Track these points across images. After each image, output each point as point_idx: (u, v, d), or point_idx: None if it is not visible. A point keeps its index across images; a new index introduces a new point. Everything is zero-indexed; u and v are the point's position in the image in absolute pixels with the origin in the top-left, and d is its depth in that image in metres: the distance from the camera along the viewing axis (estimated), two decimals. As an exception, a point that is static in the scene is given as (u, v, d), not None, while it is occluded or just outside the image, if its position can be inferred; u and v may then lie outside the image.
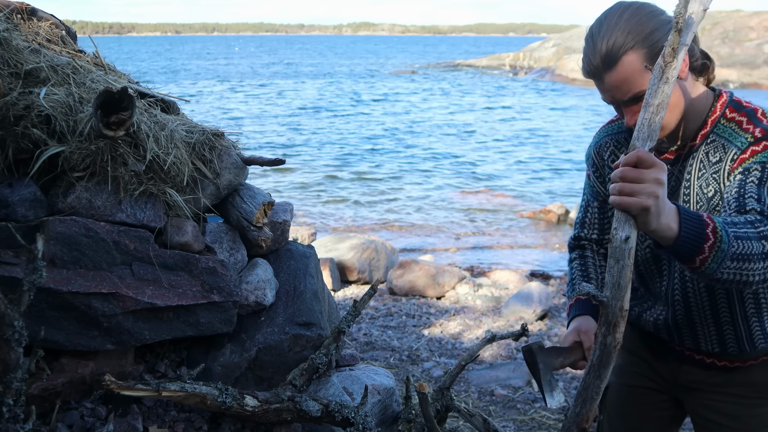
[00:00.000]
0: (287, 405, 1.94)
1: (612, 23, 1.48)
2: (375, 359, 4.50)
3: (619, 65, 1.47)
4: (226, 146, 2.11)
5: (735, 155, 1.54)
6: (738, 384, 1.73)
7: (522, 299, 5.69)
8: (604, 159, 1.82)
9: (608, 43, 1.46)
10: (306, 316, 2.13)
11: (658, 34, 1.47)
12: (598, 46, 1.48)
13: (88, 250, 1.81)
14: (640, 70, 1.47)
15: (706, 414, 1.79)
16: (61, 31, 2.28)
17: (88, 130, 1.78)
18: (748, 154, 1.51)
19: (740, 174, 1.50)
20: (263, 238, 2.11)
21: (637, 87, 1.48)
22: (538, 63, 41.79)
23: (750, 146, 1.51)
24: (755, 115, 1.56)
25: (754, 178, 1.47)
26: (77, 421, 1.81)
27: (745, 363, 1.72)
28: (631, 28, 1.46)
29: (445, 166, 14.39)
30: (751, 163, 1.49)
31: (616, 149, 1.79)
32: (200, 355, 2.06)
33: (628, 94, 1.50)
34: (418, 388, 1.90)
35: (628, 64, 1.47)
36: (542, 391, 1.69)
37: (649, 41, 1.47)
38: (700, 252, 1.27)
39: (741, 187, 1.47)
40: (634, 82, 1.48)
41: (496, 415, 3.74)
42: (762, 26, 34.03)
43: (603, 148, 1.82)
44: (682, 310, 1.73)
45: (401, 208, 10.78)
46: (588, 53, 1.51)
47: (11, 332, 1.42)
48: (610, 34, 1.47)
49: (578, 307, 1.82)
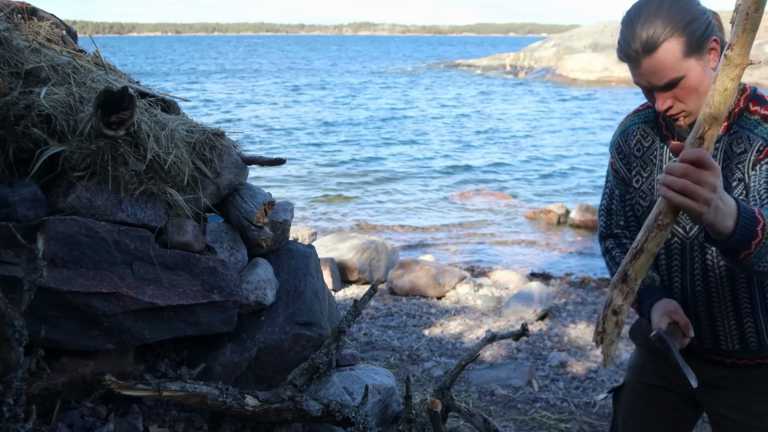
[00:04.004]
0: (288, 405, 1.94)
1: (653, 10, 1.51)
2: (375, 359, 4.50)
3: (658, 52, 1.50)
4: (227, 146, 2.11)
5: (761, 146, 1.56)
6: (760, 381, 1.73)
7: (522, 299, 5.69)
8: (630, 146, 1.83)
9: (649, 30, 1.49)
10: (306, 315, 2.13)
11: (696, 24, 1.51)
12: (638, 32, 1.51)
13: (89, 249, 1.81)
14: (678, 58, 1.51)
15: (726, 412, 1.79)
16: (61, 31, 2.28)
17: (89, 129, 1.78)
18: None
19: (767, 165, 1.53)
20: (264, 237, 2.11)
21: (673, 74, 1.52)
22: (538, 63, 41.79)
23: None
24: None
25: None
26: (77, 420, 1.81)
27: (765, 360, 1.72)
28: (673, 16, 1.50)
29: (446, 166, 14.39)
30: None
31: (642, 138, 1.81)
32: (201, 354, 2.06)
33: (664, 80, 1.53)
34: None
35: (667, 51, 1.50)
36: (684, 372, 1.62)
37: (688, 30, 1.50)
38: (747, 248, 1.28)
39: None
40: (671, 68, 1.51)
41: (496, 414, 3.74)
42: (763, 26, 34.03)
43: (630, 135, 1.84)
44: (703, 302, 1.74)
45: (401, 208, 10.78)
46: (627, 37, 1.53)
47: (12, 332, 1.42)
48: (652, 21, 1.50)
49: (651, 293, 1.79)
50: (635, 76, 1.58)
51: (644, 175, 1.80)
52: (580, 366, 4.46)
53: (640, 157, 1.80)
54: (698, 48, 1.52)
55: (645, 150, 1.79)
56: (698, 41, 1.51)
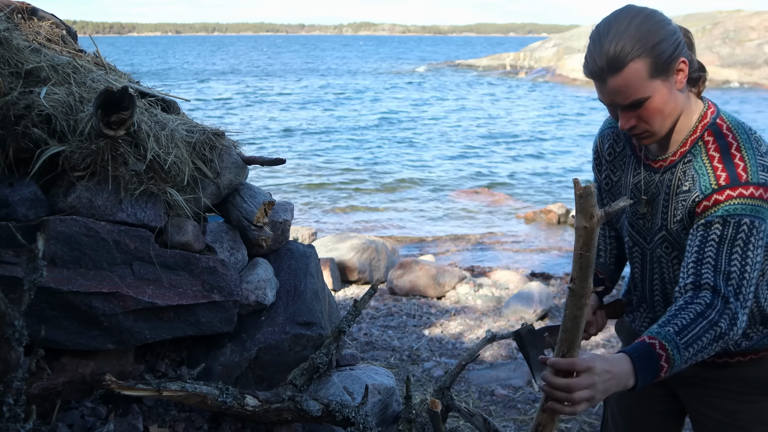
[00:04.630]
0: (288, 405, 1.94)
1: (622, 28, 1.49)
2: (375, 359, 4.49)
3: (624, 71, 1.48)
4: (227, 146, 2.11)
5: (698, 198, 1.56)
6: (732, 380, 1.74)
7: (522, 299, 5.69)
8: (603, 149, 1.84)
9: (616, 48, 1.47)
10: (306, 315, 2.13)
11: (665, 44, 1.49)
12: (605, 48, 1.48)
13: (89, 249, 1.81)
14: (644, 79, 1.48)
15: (702, 409, 1.80)
16: (61, 31, 2.28)
17: (89, 129, 1.78)
18: (711, 202, 1.53)
19: (702, 227, 1.52)
20: (264, 237, 2.11)
21: (638, 94, 1.50)
22: (538, 63, 41.78)
23: (713, 193, 1.53)
24: (729, 151, 1.55)
25: (714, 236, 1.50)
26: (78, 420, 1.81)
27: (732, 359, 1.72)
28: (641, 36, 1.47)
29: (446, 166, 14.39)
30: (713, 216, 1.51)
31: (615, 143, 1.81)
32: (201, 354, 2.06)
33: (628, 100, 1.51)
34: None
35: (634, 71, 1.47)
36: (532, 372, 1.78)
37: (656, 51, 1.48)
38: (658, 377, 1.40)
39: (701, 248, 1.50)
40: (636, 88, 1.49)
41: (496, 414, 3.74)
42: (763, 26, 34.02)
43: (605, 138, 1.84)
44: (663, 311, 1.76)
45: (401, 208, 10.78)
46: (594, 53, 1.51)
47: (12, 331, 1.42)
48: (619, 39, 1.47)
49: None
50: (600, 93, 1.55)
51: (613, 179, 1.81)
52: (580, 366, 4.46)
53: (611, 161, 1.81)
54: (665, 69, 1.50)
55: (616, 154, 1.80)
56: (665, 62, 1.49)
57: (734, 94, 26.88)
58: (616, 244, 1.94)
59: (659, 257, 1.71)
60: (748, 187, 1.49)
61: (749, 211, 1.48)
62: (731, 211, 1.49)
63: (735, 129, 1.58)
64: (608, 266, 1.91)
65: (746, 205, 1.49)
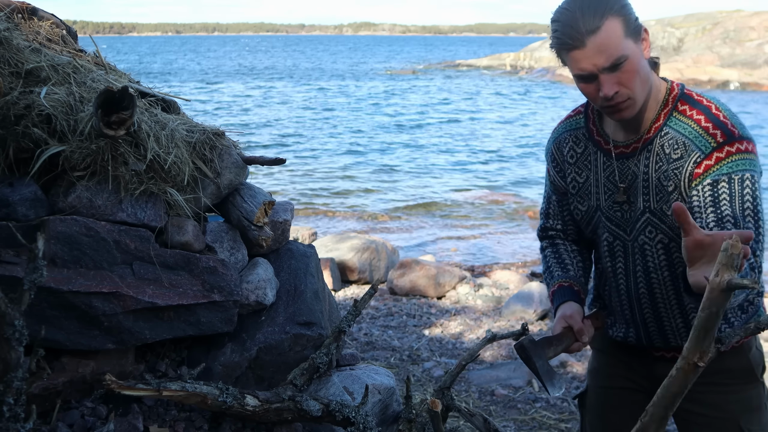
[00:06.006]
0: (288, 404, 1.94)
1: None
2: (375, 359, 4.50)
3: (602, 29, 1.51)
4: (227, 145, 2.11)
5: (698, 158, 1.58)
6: (715, 373, 1.74)
7: (522, 299, 5.69)
8: (563, 154, 1.85)
9: (590, 10, 1.51)
10: (306, 315, 2.13)
11: (629, 8, 1.56)
12: (578, 14, 1.52)
13: (89, 249, 1.81)
14: (621, 37, 1.52)
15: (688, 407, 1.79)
16: (61, 31, 2.28)
17: (89, 129, 1.78)
18: (713, 160, 1.57)
19: (709, 187, 1.56)
20: (264, 237, 2.11)
21: (618, 51, 1.52)
22: (538, 63, 41.78)
23: (714, 151, 1.57)
24: (710, 111, 1.61)
25: (724, 194, 1.54)
26: (78, 420, 1.81)
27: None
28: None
29: (446, 166, 14.38)
30: (717, 174, 1.55)
31: (575, 145, 1.82)
32: (201, 354, 2.06)
33: (611, 59, 1.53)
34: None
35: (611, 27, 1.52)
36: (543, 382, 1.74)
37: (625, 11, 1.54)
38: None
39: (716, 207, 1.54)
40: (616, 47, 1.52)
41: (496, 414, 3.74)
42: (763, 26, 34.01)
43: (562, 143, 1.85)
44: (648, 303, 1.76)
45: (402, 208, 10.78)
46: (568, 22, 1.53)
47: (12, 331, 1.42)
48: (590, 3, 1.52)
49: (561, 294, 1.87)
50: (579, 62, 1.55)
51: (580, 180, 1.82)
52: (580, 366, 4.46)
53: (575, 164, 1.82)
54: (635, 31, 1.55)
55: (579, 155, 1.81)
56: (634, 24, 1.55)
57: (733, 94, 26.90)
58: (580, 257, 1.95)
59: (642, 245, 1.71)
60: (742, 142, 1.56)
61: (748, 166, 1.55)
62: (734, 167, 1.55)
63: (704, 95, 1.65)
64: (579, 278, 1.92)
65: (744, 160, 1.55)
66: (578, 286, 1.89)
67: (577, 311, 1.80)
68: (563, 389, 1.75)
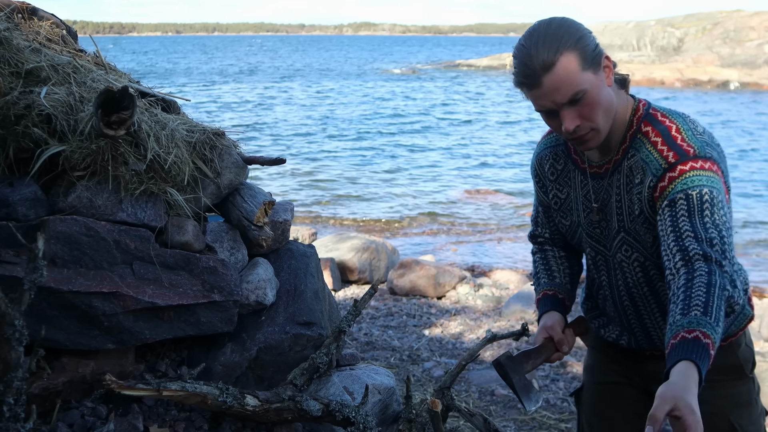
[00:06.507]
0: (288, 404, 1.94)
1: (542, 32, 1.54)
2: (375, 359, 4.49)
3: (557, 66, 1.51)
4: (227, 145, 2.11)
5: (652, 182, 1.58)
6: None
7: (523, 299, 5.69)
8: (545, 171, 1.87)
9: (542, 48, 1.52)
10: (307, 315, 2.13)
11: (586, 40, 1.55)
12: (533, 53, 1.52)
13: (89, 249, 1.81)
14: (577, 71, 1.52)
15: None
16: (61, 31, 2.29)
17: (89, 129, 1.78)
18: (666, 181, 1.55)
19: (668, 208, 1.53)
20: (264, 237, 2.11)
21: (575, 87, 1.52)
22: (538, 63, 41.75)
23: (666, 172, 1.55)
24: (669, 133, 1.59)
25: (682, 211, 1.51)
26: (78, 420, 1.81)
27: None
28: (562, 34, 1.53)
29: (446, 165, 14.38)
30: (673, 192, 1.53)
31: (555, 161, 1.84)
32: (201, 354, 2.06)
33: (568, 95, 1.53)
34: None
35: (566, 64, 1.51)
36: (519, 397, 1.83)
37: (580, 45, 1.53)
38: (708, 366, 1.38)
39: (675, 225, 1.51)
40: (572, 82, 1.52)
41: (496, 414, 3.74)
42: (763, 26, 34.02)
43: (543, 160, 1.87)
44: (632, 311, 1.79)
45: (402, 208, 10.78)
46: (524, 60, 1.54)
47: (12, 331, 1.42)
48: (543, 40, 1.52)
49: (544, 304, 1.91)
50: (538, 99, 1.57)
51: (561, 197, 1.84)
52: (580, 366, 4.46)
53: (555, 180, 1.84)
54: (594, 62, 1.54)
55: (559, 173, 1.83)
56: (592, 55, 1.54)
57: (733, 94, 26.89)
58: (568, 264, 1.97)
59: (620, 262, 1.74)
60: (697, 160, 1.53)
61: (706, 182, 1.51)
62: (689, 183, 1.52)
63: (669, 115, 1.64)
64: (565, 285, 1.94)
65: (701, 176, 1.52)
66: (563, 293, 1.92)
67: (558, 322, 1.84)
68: (540, 403, 1.84)
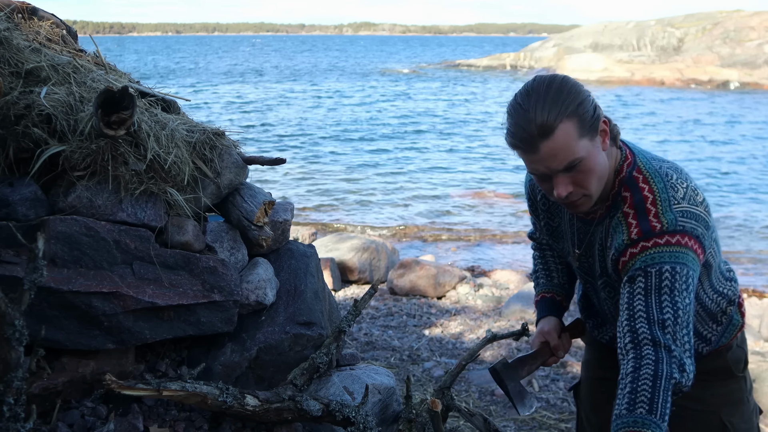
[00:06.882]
0: (288, 404, 1.94)
1: (542, 94, 1.49)
2: (375, 359, 4.49)
3: (556, 133, 1.47)
4: (227, 145, 2.11)
5: (614, 255, 1.58)
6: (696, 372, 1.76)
7: (523, 299, 5.69)
8: (537, 201, 1.86)
9: (542, 113, 1.47)
10: (307, 315, 2.13)
11: (586, 105, 1.51)
12: (531, 115, 1.47)
13: (89, 249, 1.81)
14: (575, 138, 1.49)
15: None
16: (61, 31, 2.29)
17: (89, 129, 1.78)
18: (627, 256, 1.54)
19: (627, 284, 1.52)
20: (264, 237, 2.11)
21: (572, 155, 1.49)
22: (538, 63, 41.78)
23: (628, 248, 1.54)
24: (644, 206, 1.55)
25: (639, 288, 1.49)
26: (78, 420, 1.81)
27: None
28: (563, 98, 1.49)
29: (446, 165, 14.39)
30: (633, 270, 1.51)
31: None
32: (201, 354, 2.06)
33: (564, 162, 1.50)
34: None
35: (564, 132, 1.48)
36: (513, 403, 1.90)
37: (579, 111, 1.49)
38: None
39: (630, 303, 1.49)
40: (569, 149, 1.49)
41: (496, 414, 3.74)
42: (763, 26, 34.02)
43: (536, 188, 1.86)
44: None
45: (402, 207, 10.79)
46: (520, 123, 1.50)
47: (12, 331, 1.42)
48: (543, 104, 1.48)
49: (542, 308, 1.94)
50: (532, 163, 1.53)
51: (553, 225, 1.85)
52: (580, 365, 4.46)
53: (547, 210, 1.84)
54: (591, 129, 1.51)
55: (550, 204, 1.82)
56: (590, 122, 1.50)
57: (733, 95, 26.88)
58: (566, 267, 1.99)
59: (604, 299, 1.76)
60: (663, 236, 1.50)
61: (668, 258, 1.48)
62: (649, 260, 1.49)
63: (651, 179, 1.58)
64: (563, 285, 1.96)
65: (664, 253, 1.49)
66: (561, 295, 1.94)
67: (555, 327, 1.87)
68: (534, 408, 1.93)
